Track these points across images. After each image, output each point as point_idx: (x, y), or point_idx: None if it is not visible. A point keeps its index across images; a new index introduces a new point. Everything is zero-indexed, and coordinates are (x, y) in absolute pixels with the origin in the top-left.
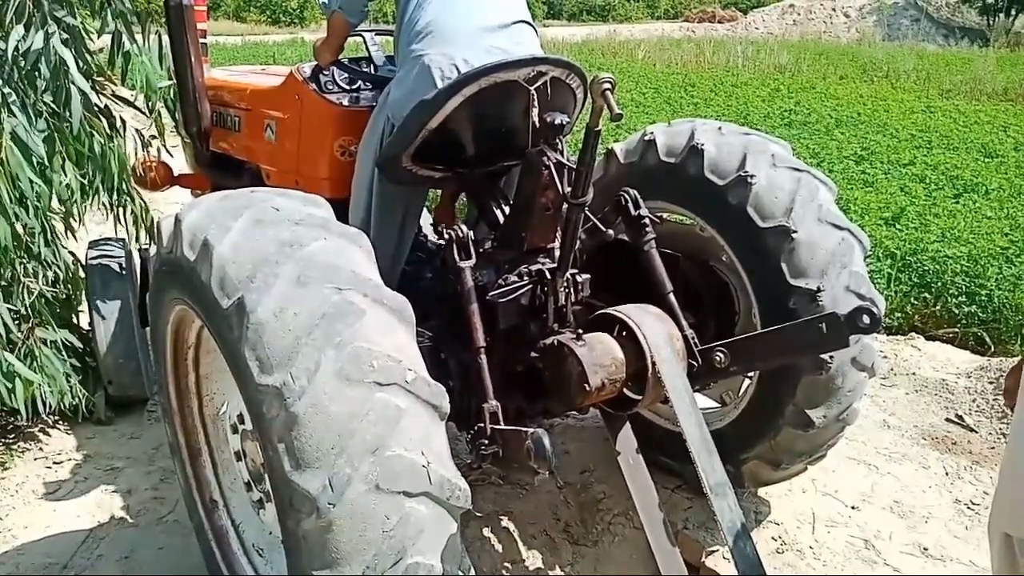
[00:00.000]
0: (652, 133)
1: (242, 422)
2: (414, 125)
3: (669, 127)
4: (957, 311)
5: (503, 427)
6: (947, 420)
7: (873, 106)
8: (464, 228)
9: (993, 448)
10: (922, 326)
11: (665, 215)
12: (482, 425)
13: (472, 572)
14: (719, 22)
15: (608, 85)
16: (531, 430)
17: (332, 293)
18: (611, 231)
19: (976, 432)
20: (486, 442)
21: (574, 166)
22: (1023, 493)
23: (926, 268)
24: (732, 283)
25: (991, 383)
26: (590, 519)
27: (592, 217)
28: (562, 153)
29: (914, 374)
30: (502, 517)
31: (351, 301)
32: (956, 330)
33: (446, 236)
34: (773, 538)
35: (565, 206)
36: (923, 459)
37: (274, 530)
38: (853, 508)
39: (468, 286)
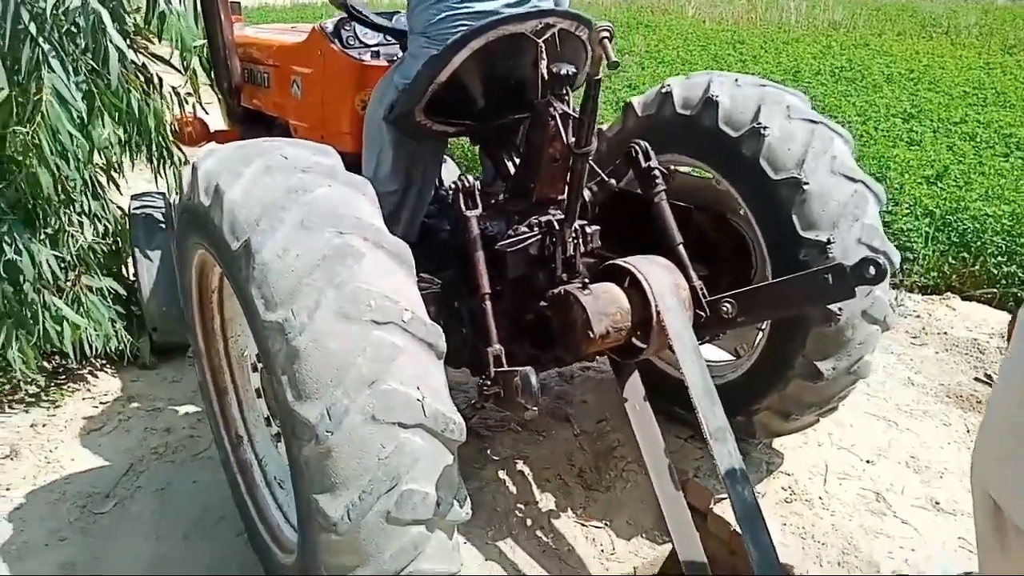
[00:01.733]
0: (669, 86)
1: (261, 361)
2: (424, 80)
3: (687, 80)
4: (996, 271)
5: (504, 369)
6: (975, 379)
7: (928, 63)
8: (471, 178)
9: None
10: (960, 286)
11: (684, 168)
12: (488, 368)
13: (469, 503)
14: None
15: (606, 34)
16: (521, 368)
17: (334, 236)
18: (615, 183)
19: None
20: (489, 383)
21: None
22: (1001, 450)
23: (966, 227)
24: (749, 236)
25: None
26: (604, 466)
27: (597, 169)
28: (569, 104)
29: (946, 333)
30: (518, 461)
31: (352, 244)
32: (995, 290)
33: (453, 186)
34: (783, 488)
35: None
36: (945, 416)
37: None
38: (868, 462)
39: (474, 234)
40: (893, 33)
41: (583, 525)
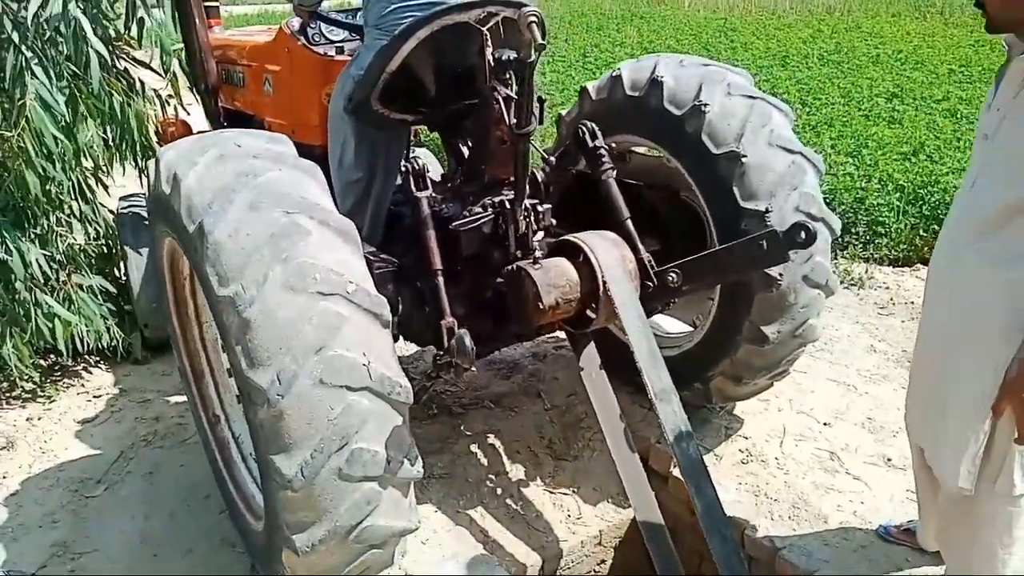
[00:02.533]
0: (620, 69)
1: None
2: (375, 69)
3: (636, 62)
4: None
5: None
6: None
7: (918, 43)
8: (420, 161)
9: None
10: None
11: (641, 149)
12: (443, 340)
13: (420, 462)
14: None
15: (533, 18)
16: (457, 332)
17: (281, 216)
18: (564, 163)
19: None
20: (441, 353)
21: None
22: (915, 404)
23: (937, 200)
24: (700, 210)
25: None
26: (572, 437)
27: (539, 149)
28: (513, 88)
29: (912, 303)
30: (490, 435)
31: (298, 223)
32: None
33: (403, 169)
34: (740, 450)
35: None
36: (903, 379)
37: None
38: (825, 424)
39: (425, 214)
40: (888, 15)
41: (551, 492)
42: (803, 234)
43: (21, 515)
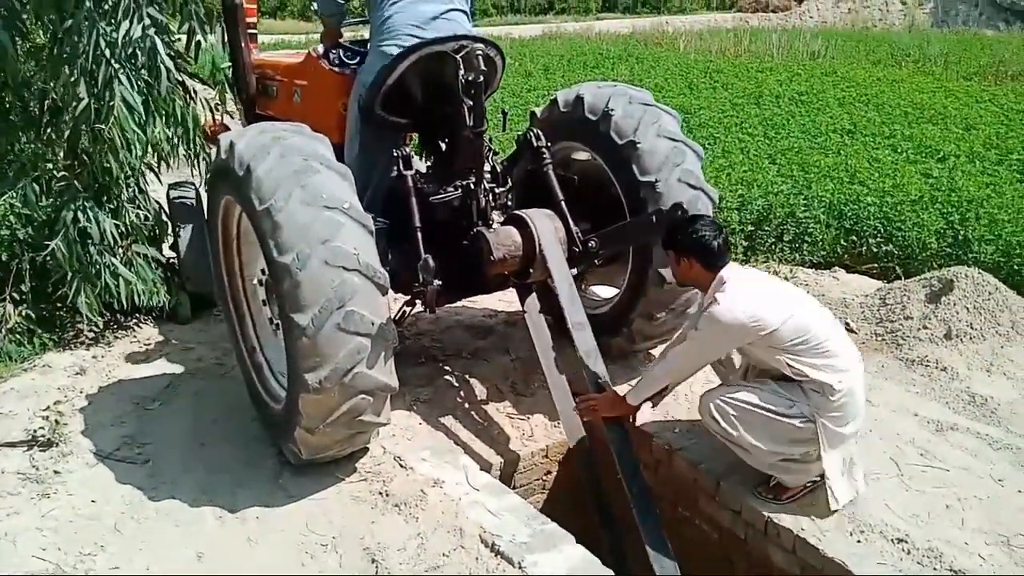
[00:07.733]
0: (556, 95)
1: (264, 274)
2: (379, 82)
3: (567, 90)
4: (877, 250)
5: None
6: None
7: (883, 87)
8: (407, 149)
9: (864, 344)
10: (851, 263)
11: (582, 156)
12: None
13: (396, 333)
14: (773, 11)
15: (479, 52)
16: (424, 257)
17: (300, 161)
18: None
19: (856, 333)
20: (417, 284)
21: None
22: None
23: (855, 215)
24: (617, 196)
25: (880, 299)
26: (530, 379)
27: (490, 146)
28: (474, 100)
29: (823, 295)
30: (466, 376)
31: (311, 165)
32: (875, 265)
33: (393, 155)
34: None
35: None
36: None
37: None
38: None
39: (408, 187)
40: (868, 63)
41: (511, 418)
42: (681, 213)
43: (97, 416)
